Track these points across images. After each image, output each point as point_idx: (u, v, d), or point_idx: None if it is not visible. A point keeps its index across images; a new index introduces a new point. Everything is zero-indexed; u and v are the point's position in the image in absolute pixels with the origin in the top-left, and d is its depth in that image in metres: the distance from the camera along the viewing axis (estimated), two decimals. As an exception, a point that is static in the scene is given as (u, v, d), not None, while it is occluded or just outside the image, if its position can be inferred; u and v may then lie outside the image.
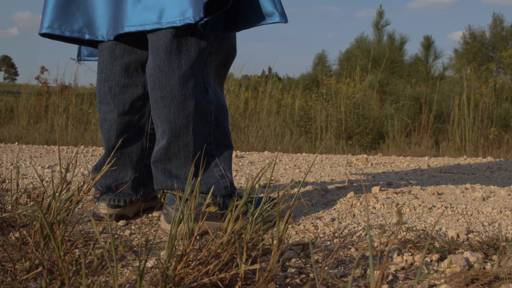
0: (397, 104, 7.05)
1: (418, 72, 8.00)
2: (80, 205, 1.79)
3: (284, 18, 1.37)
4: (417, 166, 3.31)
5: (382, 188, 2.03)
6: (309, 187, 2.06)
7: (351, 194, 1.86)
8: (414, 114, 7.18)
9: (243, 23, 1.43)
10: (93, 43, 1.63)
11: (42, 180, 1.33)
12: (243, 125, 7.09)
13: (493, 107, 7.68)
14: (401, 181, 2.43)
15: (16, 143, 4.57)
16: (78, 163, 2.87)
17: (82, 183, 1.34)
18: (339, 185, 2.15)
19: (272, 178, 2.41)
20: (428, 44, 7.32)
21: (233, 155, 3.63)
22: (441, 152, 6.08)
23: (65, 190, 1.34)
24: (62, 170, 2.35)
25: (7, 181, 2.18)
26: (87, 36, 1.53)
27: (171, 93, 1.42)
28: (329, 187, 2.12)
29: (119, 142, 1.59)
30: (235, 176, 2.51)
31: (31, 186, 2.09)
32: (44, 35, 1.52)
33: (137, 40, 1.55)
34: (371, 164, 3.36)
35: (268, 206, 1.33)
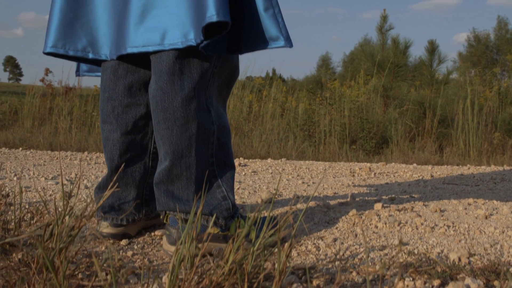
0: (401, 109, 7.04)
1: (422, 75, 7.99)
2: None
3: (289, 42, 1.38)
4: (420, 176, 3.30)
5: (385, 205, 2.03)
6: (311, 203, 2.06)
7: (353, 212, 1.86)
8: (418, 118, 7.17)
9: (247, 46, 1.43)
10: (96, 62, 1.64)
11: (45, 203, 1.34)
12: (246, 129, 7.09)
13: (497, 111, 7.66)
14: (403, 195, 2.43)
15: (20, 148, 4.58)
16: (81, 174, 2.88)
17: (85, 206, 1.34)
18: (342, 200, 2.16)
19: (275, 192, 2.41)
20: (432, 48, 7.31)
21: (236, 163, 3.64)
22: (445, 158, 6.07)
23: (67, 214, 1.34)
24: (65, 191, 2.36)
25: (10, 194, 2.19)
26: (90, 55, 1.54)
27: (173, 115, 1.43)
28: (332, 202, 2.12)
29: (122, 161, 1.59)
30: (238, 188, 2.52)
31: (34, 200, 2.10)
32: (48, 53, 1.52)
33: (140, 59, 1.56)
34: (374, 174, 3.36)
35: (270, 229, 1.32)
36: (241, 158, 4.66)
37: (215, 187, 1.51)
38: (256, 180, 2.97)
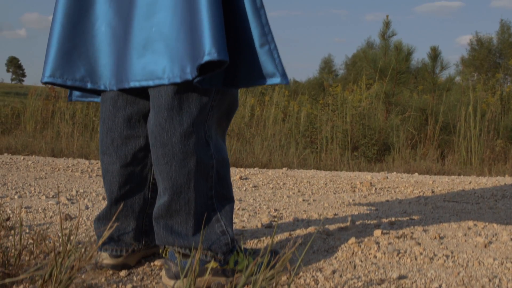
0: (403, 115, 7.04)
1: (425, 80, 7.98)
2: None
3: (285, 79, 1.38)
4: (421, 192, 3.30)
5: (384, 231, 2.03)
6: (311, 229, 2.06)
7: (352, 240, 1.87)
8: (420, 125, 7.17)
9: (244, 81, 1.43)
10: (95, 91, 1.64)
11: (43, 239, 1.35)
12: (248, 135, 7.10)
13: (499, 117, 7.65)
14: (403, 217, 2.43)
15: (22, 157, 4.59)
16: (82, 191, 2.89)
17: (85, 246, 1.34)
18: (342, 225, 2.16)
19: (275, 214, 2.42)
20: (435, 54, 7.31)
21: (237, 176, 3.64)
22: (447, 166, 6.07)
23: (67, 256, 1.34)
24: (65, 213, 2.36)
25: (11, 216, 2.20)
26: (89, 85, 1.54)
27: (172, 150, 1.43)
28: (331, 227, 2.12)
29: (122, 193, 1.60)
30: (238, 209, 2.52)
31: (35, 222, 2.11)
32: (46, 83, 1.53)
33: (139, 91, 1.56)
34: (375, 189, 3.37)
35: (270, 270, 1.33)
36: (242, 169, 4.66)
37: (214, 221, 1.51)
38: (257, 197, 2.97)
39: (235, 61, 1.42)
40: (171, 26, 1.38)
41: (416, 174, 5.21)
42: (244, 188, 3.26)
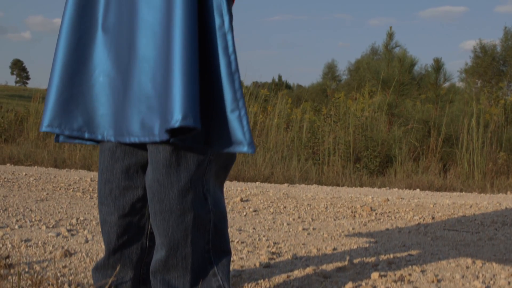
0: (405, 127, 7.03)
1: (428, 89, 7.98)
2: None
3: (251, 148, 1.37)
4: (421, 218, 3.31)
5: (382, 273, 2.03)
6: (309, 269, 2.07)
7: (349, 285, 1.87)
8: (422, 137, 7.16)
9: (217, 144, 1.42)
10: (93, 140, 1.65)
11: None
12: (250, 145, 7.09)
13: (502, 128, 7.63)
14: (402, 252, 2.43)
15: (24, 173, 4.61)
16: (83, 218, 2.90)
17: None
18: (340, 264, 2.16)
19: (273, 250, 2.42)
20: (438, 66, 7.30)
21: (238, 198, 3.65)
22: (449, 181, 6.06)
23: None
24: (65, 249, 2.37)
25: (12, 251, 2.21)
26: (87, 135, 1.55)
27: (170, 207, 1.44)
28: (329, 267, 2.13)
29: (120, 243, 1.61)
30: (237, 241, 2.53)
31: (34, 259, 2.12)
32: (45, 131, 1.54)
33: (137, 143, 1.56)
34: (376, 214, 3.37)
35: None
36: (243, 184, 4.67)
37: (210, 275, 1.52)
38: (257, 224, 2.98)
39: (209, 125, 1.41)
40: (159, 84, 1.39)
41: (418, 190, 5.22)
42: (245, 213, 3.26)
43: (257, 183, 5.40)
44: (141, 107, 1.42)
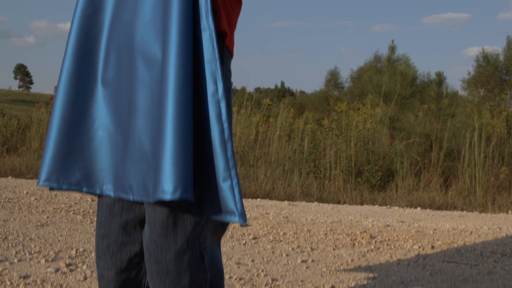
0: (407, 141, 7.03)
1: (430, 101, 7.97)
2: None
3: (243, 218, 1.35)
4: (421, 247, 3.31)
5: (379, 320, 2.03)
6: (306, 314, 2.07)
7: (346, 334, 1.88)
8: (424, 150, 7.15)
9: (208, 211, 1.42)
10: (91, 194, 1.65)
11: None
12: (252, 158, 7.10)
13: (505, 141, 7.62)
14: (400, 291, 2.43)
15: (26, 192, 4.63)
16: (82, 249, 2.90)
17: None
18: (337, 308, 2.17)
19: (271, 286, 2.42)
20: (440, 80, 7.29)
21: (237, 223, 3.65)
22: (450, 198, 6.05)
23: None
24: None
25: (10, 291, 2.22)
26: (84, 190, 1.55)
27: (166, 268, 1.44)
28: (327, 311, 2.13)
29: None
30: (235, 278, 2.53)
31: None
32: (42, 186, 1.55)
33: None
34: (375, 242, 3.37)
35: None
36: (244, 201, 4.67)
37: (206, 332, 1.52)
38: (256, 255, 2.98)
39: (200, 187, 1.41)
40: (155, 147, 1.39)
41: (419, 209, 5.22)
42: (244, 241, 3.27)
43: (258, 200, 5.40)
44: (141, 165, 1.42)
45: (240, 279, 2.52)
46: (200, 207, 1.43)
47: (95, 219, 3.63)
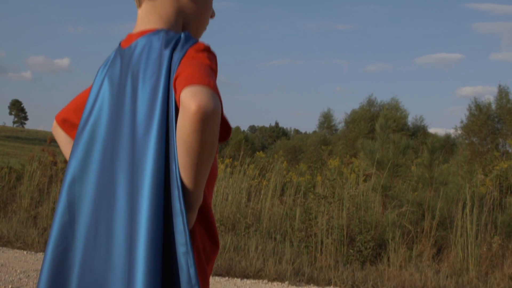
0: (400, 210, 7.00)
1: (423, 149, 7.99)
2: None
3: None
4: None
5: None
6: None
7: None
8: (416, 219, 7.13)
9: None
10: None
11: None
12: (244, 225, 7.05)
13: (497, 206, 7.62)
14: None
15: (16, 271, 4.56)
16: None
17: None
18: None
19: None
20: (432, 148, 7.30)
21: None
22: (441, 277, 6.01)
23: None
24: None
25: None
26: None
27: None
28: None
29: None
30: None
31: None
32: None
33: None
34: None
35: None
36: (234, 283, 4.62)
37: None
38: None
39: None
40: None
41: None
42: None
43: (248, 281, 5.35)
44: None
45: None
46: None
47: None
